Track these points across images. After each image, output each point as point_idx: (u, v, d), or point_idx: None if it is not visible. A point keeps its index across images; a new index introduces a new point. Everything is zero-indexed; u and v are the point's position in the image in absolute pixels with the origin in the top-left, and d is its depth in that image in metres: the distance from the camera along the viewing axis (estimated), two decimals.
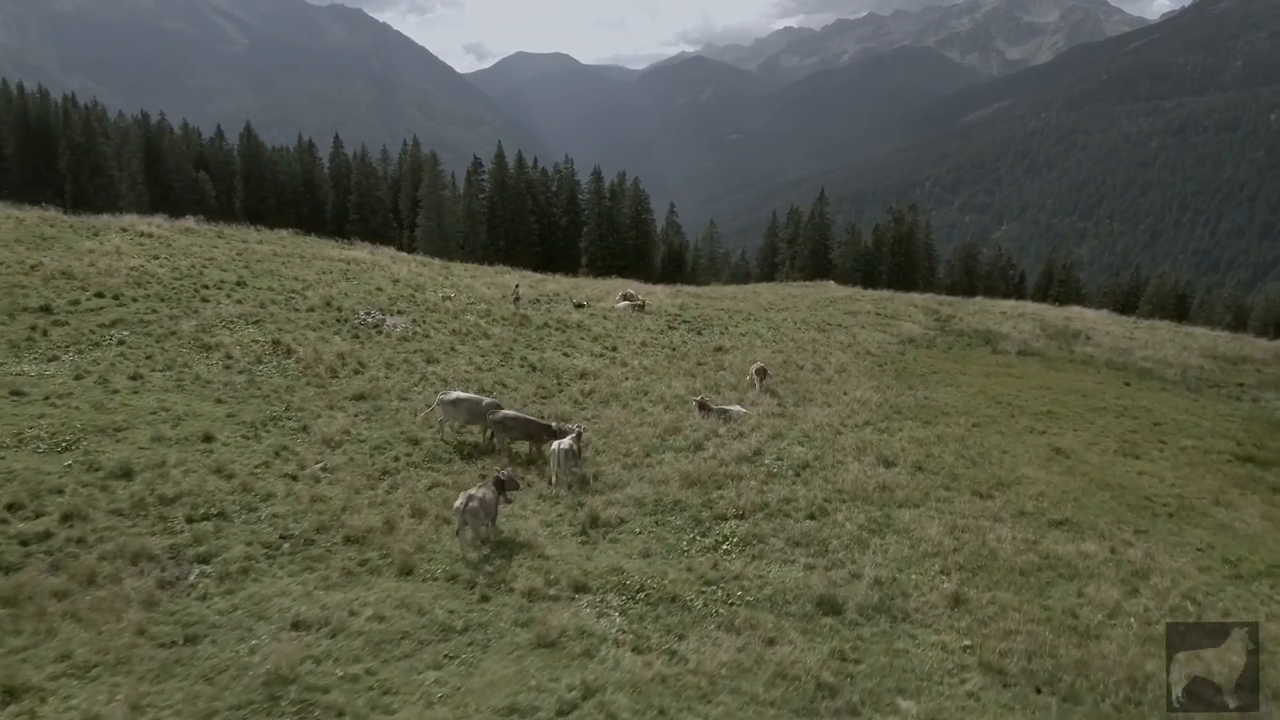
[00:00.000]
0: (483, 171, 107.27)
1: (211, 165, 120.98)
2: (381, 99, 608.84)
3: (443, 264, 42.29)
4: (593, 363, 24.45)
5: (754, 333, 31.34)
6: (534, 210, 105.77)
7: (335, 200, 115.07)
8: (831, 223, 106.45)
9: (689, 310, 35.31)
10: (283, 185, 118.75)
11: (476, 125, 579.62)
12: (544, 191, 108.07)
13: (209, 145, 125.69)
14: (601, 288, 44.28)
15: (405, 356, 22.88)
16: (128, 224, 33.89)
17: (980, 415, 21.89)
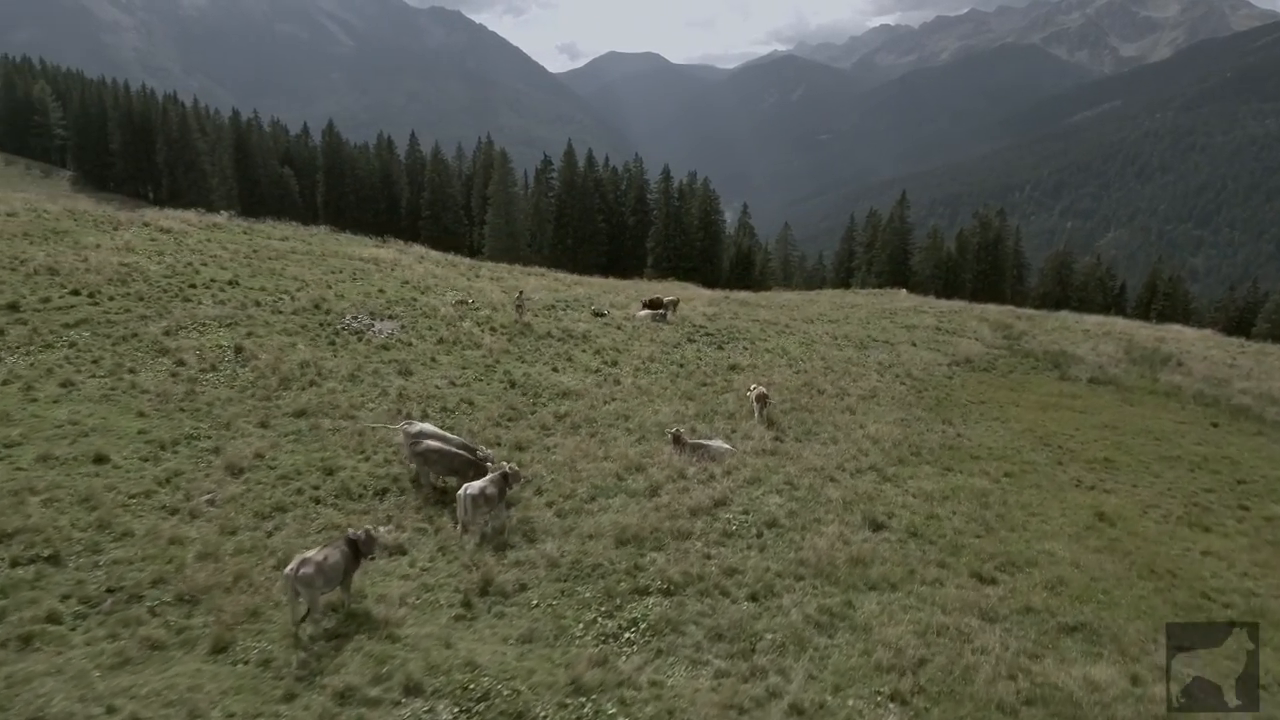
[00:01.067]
0: (552, 170, 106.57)
1: (297, 162, 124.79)
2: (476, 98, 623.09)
3: (472, 264, 40.87)
4: (582, 380, 22.17)
5: (781, 349, 28.41)
6: (602, 209, 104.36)
7: (410, 197, 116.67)
8: (912, 227, 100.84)
9: (719, 320, 32.59)
10: (361, 182, 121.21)
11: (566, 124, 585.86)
12: (613, 190, 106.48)
13: (295, 142, 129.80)
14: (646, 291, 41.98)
15: (376, 367, 21.16)
16: (152, 218, 33.60)
17: (1018, 461, 18.51)
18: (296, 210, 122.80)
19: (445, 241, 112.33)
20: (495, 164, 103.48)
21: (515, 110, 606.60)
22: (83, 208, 33.75)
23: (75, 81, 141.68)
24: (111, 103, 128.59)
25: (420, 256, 38.90)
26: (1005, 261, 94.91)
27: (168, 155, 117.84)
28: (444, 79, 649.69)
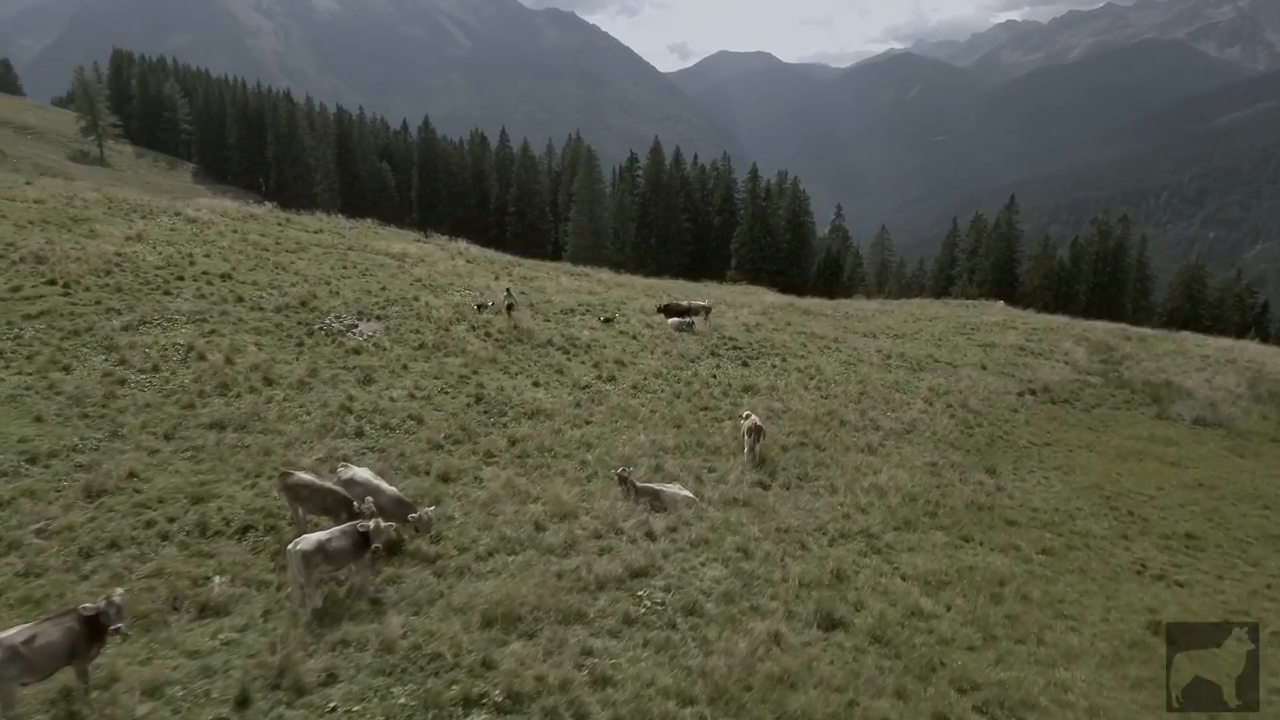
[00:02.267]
0: (638, 167, 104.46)
1: (395, 157, 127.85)
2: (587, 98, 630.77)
3: (508, 262, 38.94)
4: (561, 398, 19.55)
5: (815, 368, 24.89)
6: (687, 209, 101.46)
7: (498, 193, 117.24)
8: (1021, 233, 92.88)
9: (758, 331, 29.28)
10: (454, 177, 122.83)
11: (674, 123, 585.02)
12: (699, 189, 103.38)
13: (394, 138, 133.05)
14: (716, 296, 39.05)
15: (336, 373, 19.24)
16: (182, 208, 33.20)
17: (1066, 531, 14.64)
18: (392, 204, 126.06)
19: (529, 238, 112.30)
20: (580, 161, 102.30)
21: (624, 110, 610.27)
22: (124, 195, 33.81)
23: (200, 79, 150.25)
24: (230, 99, 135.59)
25: (456, 253, 37.30)
26: (1127, 274, 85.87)
27: (276, 150, 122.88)
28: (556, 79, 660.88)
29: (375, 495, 12.02)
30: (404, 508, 12.13)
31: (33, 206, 28.21)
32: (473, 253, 38.50)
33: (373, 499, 11.66)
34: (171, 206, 33.17)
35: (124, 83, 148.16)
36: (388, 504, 12.01)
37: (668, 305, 28.63)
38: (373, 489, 12.29)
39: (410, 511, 12.00)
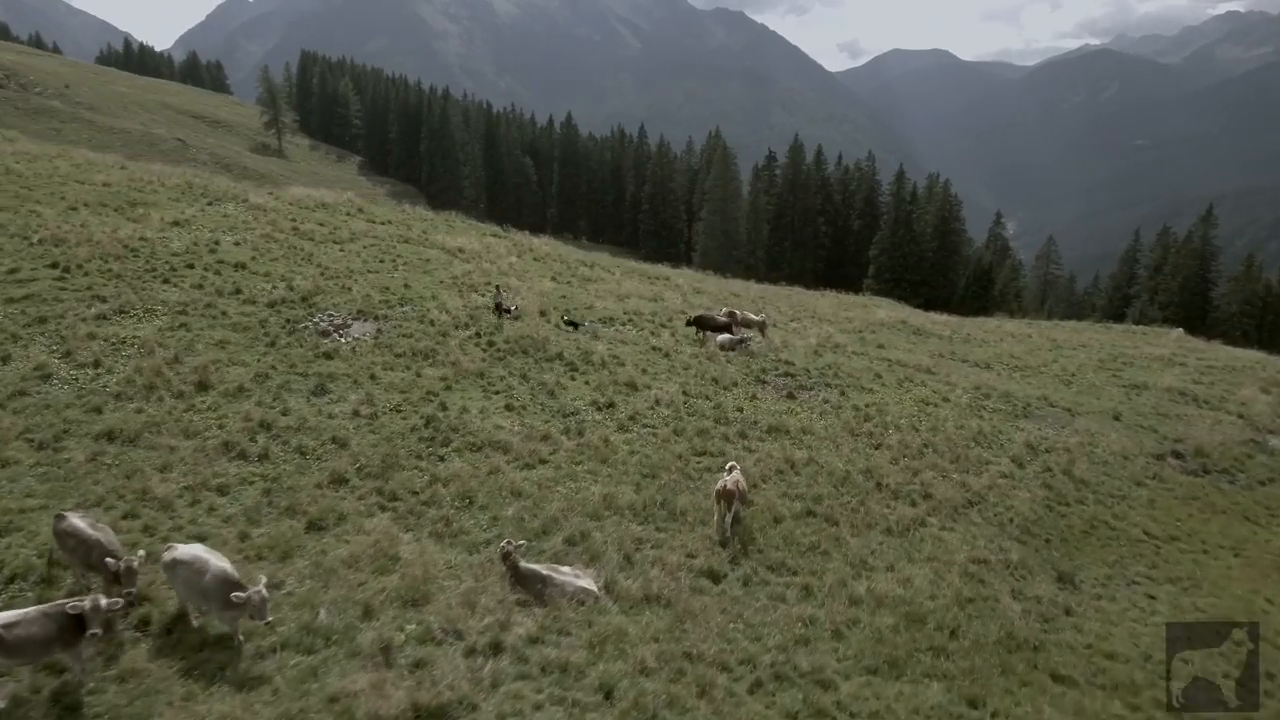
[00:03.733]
0: (775, 166, 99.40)
1: (539, 153, 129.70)
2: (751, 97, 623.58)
3: (586, 258, 36.12)
4: (531, 427, 16.39)
5: (879, 407, 20.23)
6: (825, 211, 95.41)
7: (633, 190, 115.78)
8: (1219, 250, 79.74)
9: (829, 355, 24.86)
10: (593, 173, 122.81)
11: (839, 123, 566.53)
12: (840, 191, 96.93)
13: (539, 134, 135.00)
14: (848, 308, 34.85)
15: (289, 380, 17.13)
16: (258, 194, 32.93)
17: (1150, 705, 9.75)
18: (533, 199, 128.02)
19: (661, 237, 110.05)
20: (714, 159, 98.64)
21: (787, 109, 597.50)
22: (200, 181, 34.06)
23: (371, 77, 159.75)
24: (393, 95, 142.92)
25: (524, 250, 35.03)
26: None
27: (429, 145, 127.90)
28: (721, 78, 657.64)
29: (199, 575, 9.32)
30: (229, 587, 9.31)
31: (99, 189, 28.49)
32: (542, 250, 36.10)
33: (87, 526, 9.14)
34: (244, 193, 32.98)
35: (308, 81, 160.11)
36: (211, 584, 9.26)
37: (700, 317, 24.72)
38: (198, 568, 9.53)
39: (238, 590, 9.16)
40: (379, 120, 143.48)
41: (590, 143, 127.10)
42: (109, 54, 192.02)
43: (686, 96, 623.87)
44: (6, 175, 27.14)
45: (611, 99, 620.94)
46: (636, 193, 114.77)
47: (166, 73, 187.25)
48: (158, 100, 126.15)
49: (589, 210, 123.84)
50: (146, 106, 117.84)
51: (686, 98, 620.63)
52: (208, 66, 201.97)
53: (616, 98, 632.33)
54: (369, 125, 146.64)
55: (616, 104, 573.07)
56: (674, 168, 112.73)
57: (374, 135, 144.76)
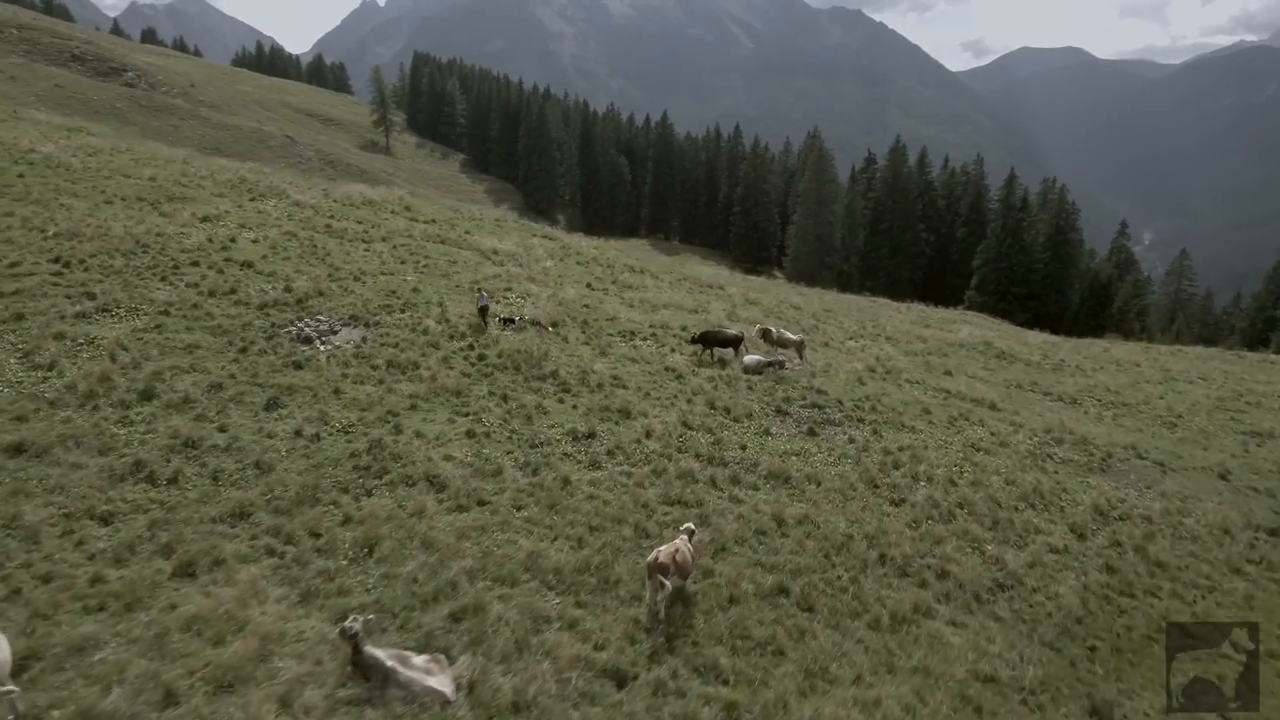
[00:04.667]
0: (875, 168, 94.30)
1: (635, 152, 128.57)
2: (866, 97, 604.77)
3: (635, 263, 33.98)
4: (485, 460, 14.45)
5: (914, 452, 17.19)
6: (927, 217, 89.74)
7: (726, 192, 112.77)
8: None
9: (874, 383, 21.87)
10: (688, 173, 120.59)
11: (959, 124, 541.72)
12: (945, 196, 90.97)
13: (635, 134, 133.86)
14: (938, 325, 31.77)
15: (244, 391, 15.88)
16: (303, 191, 32.59)
17: None
18: (626, 199, 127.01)
19: (752, 240, 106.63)
20: (809, 160, 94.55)
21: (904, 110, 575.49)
22: (255, 178, 34.04)
23: (476, 77, 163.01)
24: (495, 94, 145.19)
25: (570, 252, 33.28)
26: None
27: (526, 144, 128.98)
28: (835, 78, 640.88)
29: None
30: None
31: (143, 183, 28.61)
32: (589, 254, 34.24)
33: None
34: (290, 189, 32.69)
35: (419, 81, 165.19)
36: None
37: (705, 334, 22.06)
38: None
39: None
40: (482, 119, 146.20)
41: (686, 142, 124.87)
42: (243, 56, 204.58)
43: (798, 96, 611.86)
44: (55, 169, 27.54)
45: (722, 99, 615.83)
46: (729, 194, 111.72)
47: (293, 73, 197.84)
48: (278, 99, 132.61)
49: (682, 211, 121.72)
50: (266, 105, 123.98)
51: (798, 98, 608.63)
52: (331, 67, 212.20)
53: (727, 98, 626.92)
54: (472, 124, 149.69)
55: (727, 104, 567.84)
56: (769, 169, 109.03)
57: (477, 134, 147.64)
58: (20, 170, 26.39)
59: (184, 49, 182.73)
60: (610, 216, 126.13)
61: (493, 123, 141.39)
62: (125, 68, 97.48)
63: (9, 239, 21.12)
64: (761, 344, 23.35)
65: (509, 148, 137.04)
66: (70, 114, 73.21)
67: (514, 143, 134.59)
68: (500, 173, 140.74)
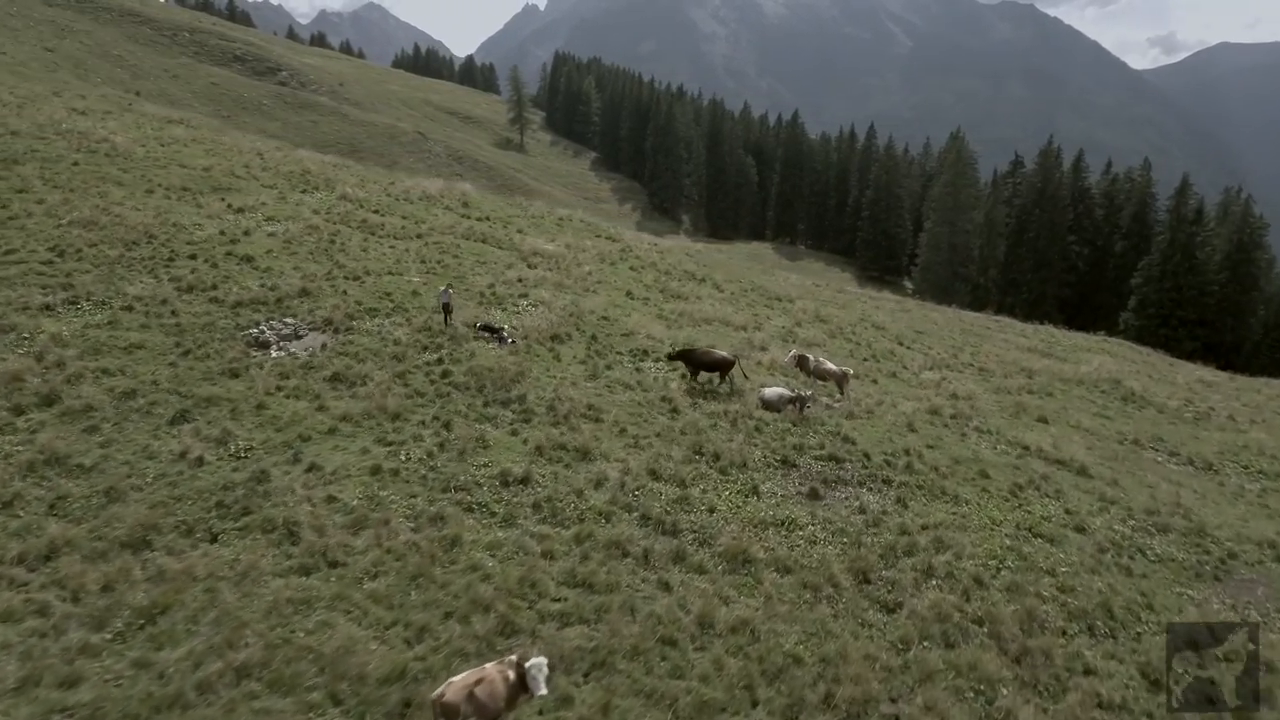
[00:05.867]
0: (1021, 172, 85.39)
1: (763, 152, 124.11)
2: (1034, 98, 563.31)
3: (695, 272, 30.74)
4: (382, 503, 12.05)
5: (937, 534, 13.24)
6: (1080, 228, 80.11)
7: (856, 195, 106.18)
8: None
9: (927, 430, 17.82)
10: (818, 175, 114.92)
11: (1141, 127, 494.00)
12: (1104, 205, 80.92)
13: (765, 133, 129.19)
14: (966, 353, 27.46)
15: (156, 401, 14.35)
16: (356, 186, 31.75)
17: None
18: (752, 200, 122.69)
19: (880, 248, 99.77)
20: (946, 163, 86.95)
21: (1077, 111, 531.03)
22: (321, 170, 33.61)
23: (611, 75, 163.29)
24: (627, 93, 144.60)
25: (624, 256, 30.59)
26: None
27: (653, 142, 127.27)
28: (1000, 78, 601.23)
29: None
30: None
31: (195, 173, 28.46)
32: (648, 258, 31.31)
33: None
34: (348, 183, 31.92)
35: (557, 80, 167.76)
36: None
37: (686, 353, 18.51)
38: None
39: None
40: (614, 117, 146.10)
41: (818, 142, 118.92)
42: (401, 58, 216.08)
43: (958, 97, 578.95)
44: (113, 158, 27.80)
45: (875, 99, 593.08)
46: (859, 198, 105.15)
47: (446, 74, 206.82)
48: (422, 98, 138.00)
49: (809, 215, 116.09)
50: (409, 103, 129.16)
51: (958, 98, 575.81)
52: (481, 68, 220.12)
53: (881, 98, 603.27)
54: (604, 122, 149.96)
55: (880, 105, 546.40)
56: (903, 171, 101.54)
57: (608, 132, 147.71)
58: (76, 159, 26.73)
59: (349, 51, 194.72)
60: (735, 218, 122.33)
61: (624, 121, 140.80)
62: (280, 68, 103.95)
63: (23, 225, 20.95)
64: (799, 374, 19.74)
65: (637, 146, 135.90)
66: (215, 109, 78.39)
67: (642, 141, 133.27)
68: (628, 171, 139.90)
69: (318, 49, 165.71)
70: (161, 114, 40.19)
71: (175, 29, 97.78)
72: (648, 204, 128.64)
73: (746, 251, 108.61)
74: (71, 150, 27.39)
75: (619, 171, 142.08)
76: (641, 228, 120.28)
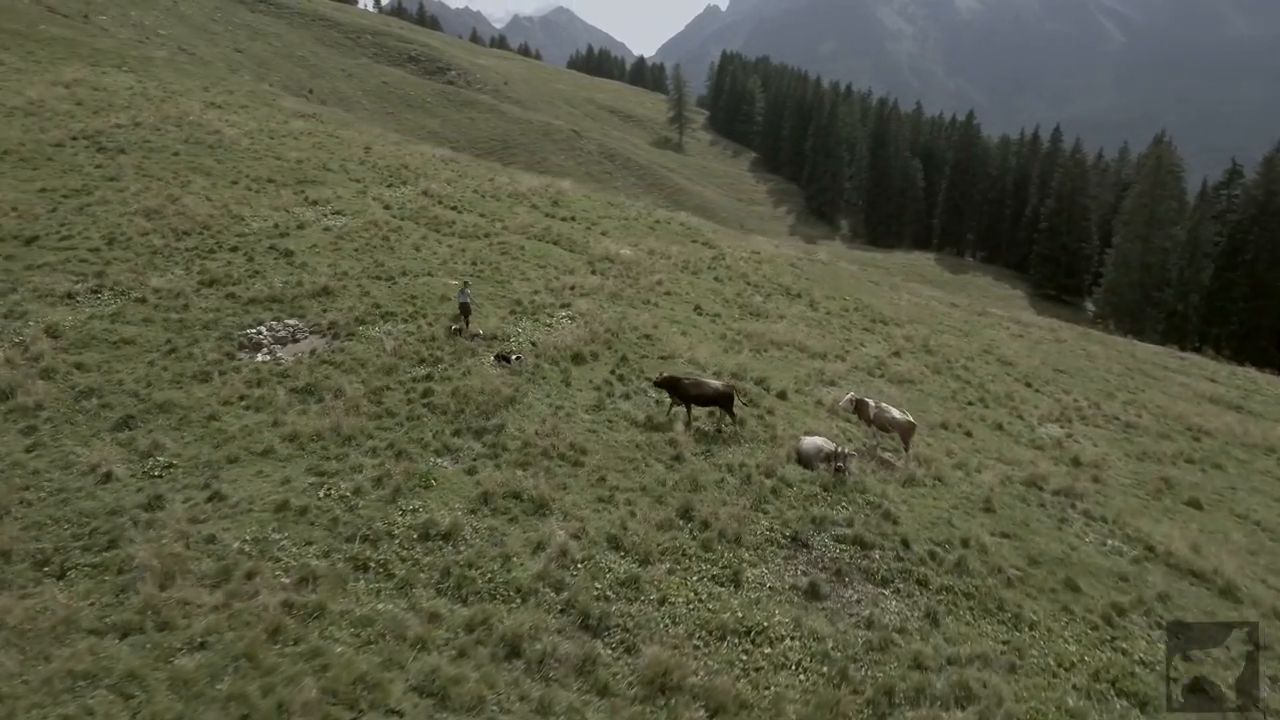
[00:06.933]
0: (1238, 183, 73.06)
1: (934, 155, 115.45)
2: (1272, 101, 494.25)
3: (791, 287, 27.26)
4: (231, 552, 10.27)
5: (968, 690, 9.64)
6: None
7: (1034, 204, 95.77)
8: None
9: (1008, 513, 13.93)
10: (992, 181, 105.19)
11: None
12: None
13: (937, 133, 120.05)
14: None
15: (109, 404, 13.51)
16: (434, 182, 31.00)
17: None
18: (917, 206, 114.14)
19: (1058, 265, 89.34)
20: (1145, 169, 76.04)
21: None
22: (416, 163, 33.21)
23: (776, 74, 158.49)
24: (790, 91, 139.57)
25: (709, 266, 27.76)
26: None
27: (814, 142, 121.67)
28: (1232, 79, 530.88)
29: None
30: None
31: (287, 165, 28.66)
32: (739, 268, 28.22)
33: None
34: (433, 179, 31.23)
35: (722, 79, 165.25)
36: None
37: (671, 380, 15.27)
38: None
39: None
40: (776, 117, 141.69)
41: (995, 146, 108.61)
42: (575, 59, 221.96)
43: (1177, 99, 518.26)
44: (213, 149, 28.49)
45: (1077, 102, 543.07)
46: (1038, 207, 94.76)
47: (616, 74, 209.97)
48: (585, 97, 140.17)
49: (980, 224, 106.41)
50: (571, 102, 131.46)
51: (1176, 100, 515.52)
52: (651, 68, 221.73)
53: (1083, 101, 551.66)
54: (767, 122, 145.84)
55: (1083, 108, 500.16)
56: (1092, 179, 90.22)
57: (770, 132, 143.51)
58: (179, 150, 27.60)
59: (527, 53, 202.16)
60: (897, 225, 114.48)
61: (786, 121, 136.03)
62: (450, 67, 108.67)
63: (93, 213, 21.43)
64: (857, 422, 16.25)
65: (798, 147, 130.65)
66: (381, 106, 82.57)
67: (803, 141, 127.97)
68: (787, 173, 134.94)
69: (496, 50, 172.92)
70: (295, 109, 41.74)
71: (359, 32, 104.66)
72: (804, 207, 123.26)
73: (905, 262, 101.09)
74: (178, 141, 28.35)
75: (778, 173, 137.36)
76: (794, 232, 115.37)
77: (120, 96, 33.15)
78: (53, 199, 21.89)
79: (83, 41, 43.24)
